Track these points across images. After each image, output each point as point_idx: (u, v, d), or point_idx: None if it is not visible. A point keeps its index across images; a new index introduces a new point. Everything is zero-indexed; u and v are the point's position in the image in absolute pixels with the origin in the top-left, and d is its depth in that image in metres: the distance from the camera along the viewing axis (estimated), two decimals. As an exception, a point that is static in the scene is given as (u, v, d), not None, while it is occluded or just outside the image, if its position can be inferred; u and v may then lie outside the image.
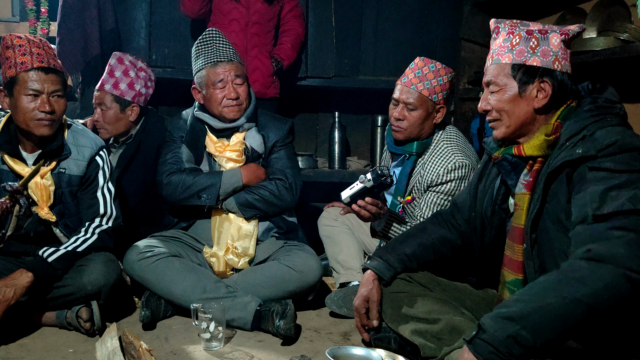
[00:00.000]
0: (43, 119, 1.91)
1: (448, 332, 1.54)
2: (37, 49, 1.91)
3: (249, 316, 2.01)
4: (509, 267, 1.57)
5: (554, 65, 1.49)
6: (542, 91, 1.49)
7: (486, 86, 1.57)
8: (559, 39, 1.49)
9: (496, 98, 1.54)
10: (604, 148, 1.34)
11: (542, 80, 1.49)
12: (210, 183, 2.26)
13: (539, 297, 1.24)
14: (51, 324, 2.00)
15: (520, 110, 1.51)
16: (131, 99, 2.52)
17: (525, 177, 1.52)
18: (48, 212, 1.99)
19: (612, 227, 1.26)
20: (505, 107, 1.52)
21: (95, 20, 2.83)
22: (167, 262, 2.11)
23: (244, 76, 2.33)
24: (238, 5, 2.87)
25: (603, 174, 1.32)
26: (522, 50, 1.50)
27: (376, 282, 1.75)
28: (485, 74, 1.58)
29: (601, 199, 1.29)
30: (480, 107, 1.59)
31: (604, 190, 1.30)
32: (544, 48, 1.49)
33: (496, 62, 1.54)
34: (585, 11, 2.55)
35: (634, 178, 1.30)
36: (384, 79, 3.37)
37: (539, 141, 1.49)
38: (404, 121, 2.20)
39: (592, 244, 1.26)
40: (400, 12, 3.41)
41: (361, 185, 1.89)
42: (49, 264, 1.90)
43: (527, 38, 1.50)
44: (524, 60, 1.49)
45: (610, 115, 1.43)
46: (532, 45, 1.49)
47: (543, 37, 1.50)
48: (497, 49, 1.55)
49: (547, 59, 1.49)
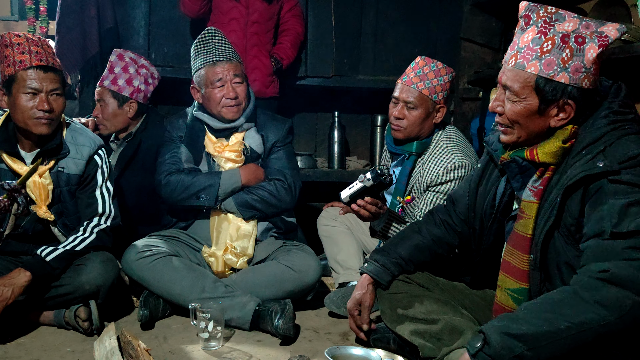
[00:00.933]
0: (41, 117, 1.91)
1: (447, 332, 1.54)
2: (35, 47, 1.90)
3: (247, 316, 2.00)
4: (510, 274, 1.52)
5: (582, 83, 1.35)
6: (564, 112, 1.38)
7: (502, 87, 1.44)
8: (595, 53, 1.33)
9: (512, 108, 1.41)
10: (626, 160, 1.28)
11: (566, 101, 1.36)
12: (209, 183, 2.25)
13: (552, 320, 1.22)
14: (49, 323, 2.00)
15: (536, 125, 1.41)
16: (129, 95, 2.52)
17: (535, 183, 1.45)
18: (46, 211, 1.98)
19: (631, 246, 1.23)
20: (520, 120, 1.41)
21: (95, 18, 2.82)
22: (166, 262, 2.11)
23: (243, 76, 2.33)
24: (238, 5, 2.87)
25: (624, 187, 1.27)
26: (551, 62, 1.34)
27: (371, 286, 1.75)
28: (503, 71, 1.43)
29: (620, 214, 1.25)
30: (491, 107, 1.47)
31: (623, 205, 1.25)
32: (576, 63, 1.34)
33: (520, 67, 1.38)
34: (586, 11, 2.54)
35: None
36: (383, 78, 3.36)
37: (555, 148, 1.39)
38: (404, 120, 2.19)
39: (610, 264, 1.23)
40: (399, 12, 3.40)
41: (361, 184, 1.88)
42: (47, 263, 1.89)
43: (560, 47, 1.34)
44: (552, 75, 1.35)
45: (627, 122, 1.37)
46: (564, 58, 1.34)
47: (579, 48, 1.33)
48: (523, 49, 1.38)
49: (577, 77, 1.34)
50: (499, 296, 1.57)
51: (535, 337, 1.21)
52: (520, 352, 1.21)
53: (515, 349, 1.22)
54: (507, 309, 1.51)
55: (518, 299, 1.50)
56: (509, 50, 1.45)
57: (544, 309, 1.25)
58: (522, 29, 1.42)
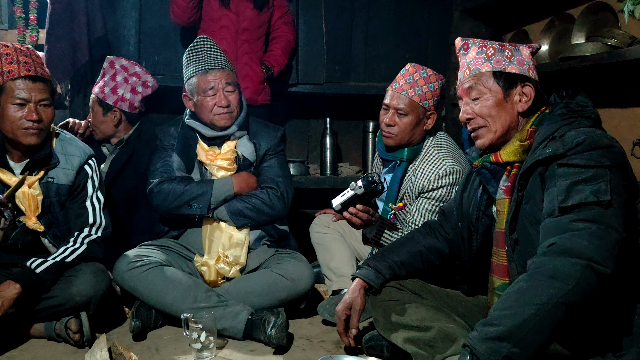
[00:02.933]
0: (30, 127, 1.90)
1: (440, 339, 1.53)
2: (24, 57, 1.89)
3: (240, 325, 1.99)
4: (496, 273, 1.59)
5: (529, 72, 1.57)
6: (524, 95, 1.55)
7: (466, 95, 1.60)
8: (528, 51, 1.60)
9: (481, 105, 1.57)
10: (573, 147, 1.37)
11: (523, 85, 1.56)
12: (202, 192, 2.24)
13: (520, 309, 1.24)
14: (39, 335, 1.98)
15: (507, 114, 1.56)
16: (112, 103, 2.53)
17: (505, 182, 1.57)
18: (36, 222, 1.97)
19: (576, 219, 1.30)
20: (492, 112, 1.56)
21: (84, 27, 2.81)
22: (158, 272, 2.09)
23: (235, 84, 2.33)
24: (228, 12, 2.87)
25: (571, 169, 1.36)
26: (499, 60, 1.57)
27: (362, 291, 1.75)
28: (461, 83, 1.61)
29: (567, 192, 1.33)
30: (461, 117, 1.62)
31: (570, 183, 1.34)
32: (518, 58, 1.58)
33: (475, 71, 1.58)
34: (574, 17, 2.57)
35: (600, 173, 1.33)
36: (374, 85, 3.37)
37: (514, 147, 1.54)
38: (395, 127, 2.20)
39: (556, 237, 1.29)
40: (390, 19, 3.42)
41: (352, 192, 1.88)
42: (37, 275, 1.88)
43: (501, 49, 1.58)
44: (504, 68, 1.56)
45: (581, 118, 1.46)
46: (507, 55, 1.57)
47: (514, 49, 1.59)
48: (472, 61, 1.60)
49: (522, 67, 1.57)
50: (489, 298, 1.61)
51: (513, 331, 1.22)
52: (507, 352, 1.22)
53: (501, 350, 1.22)
54: None
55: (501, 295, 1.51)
56: (459, 74, 1.65)
57: (510, 303, 1.27)
58: (463, 54, 1.65)
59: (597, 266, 1.23)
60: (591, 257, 1.24)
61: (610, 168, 1.33)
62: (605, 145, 1.37)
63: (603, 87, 2.47)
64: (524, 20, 3.03)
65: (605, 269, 1.23)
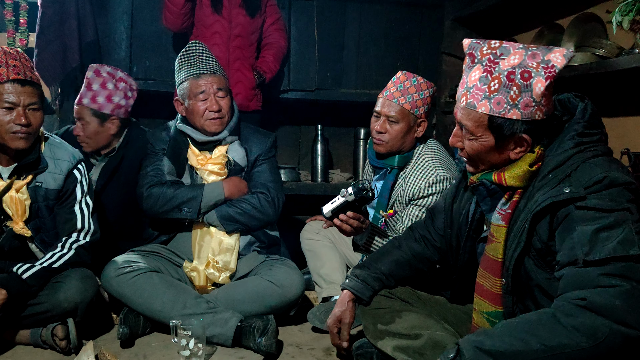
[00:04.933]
0: (19, 131, 1.88)
1: (430, 347, 1.53)
2: (13, 60, 1.88)
3: (229, 332, 1.98)
4: (485, 298, 1.52)
5: (535, 116, 1.35)
6: (521, 145, 1.39)
7: (458, 124, 1.45)
8: (543, 86, 1.33)
9: (470, 145, 1.43)
10: (591, 185, 1.29)
11: (520, 136, 1.37)
12: (192, 196, 2.23)
13: (526, 339, 1.22)
14: (25, 342, 1.95)
15: (496, 159, 1.43)
16: (110, 112, 2.47)
17: (504, 207, 1.46)
18: (23, 226, 1.95)
19: (605, 273, 1.23)
20: (479, 156, 1.44)
21: (75, 31, 2.80)
22: (146, 278, 2.08)
23: (227, 89, 2.32)
24: (220, 18, 2.87)
25: (592, 213, 1.28)
26: (501, 101, 1.34)
27: (351, 303, 1.74)
28: (457, 107, 1.44)
29: (591, 242, 1.25)
30: (451, 143, 1.49)
31: (593, 231, 1.26)
32: (525, 99, 1.34)
33: (471, 107, 1.38)
34: (563, 27, 2.59)
35: (623, 217, 1.26)
36: (366, 92, 3.39)
37: (522, 171, 1.40)
38: (386, 134, 2.20)
39: (586, 292, 1.22)
40: (382, 26, 3.44)
41: (342, 199, 1.88)
42: (23, 280, 1.85)
43: (507, 85, 1.34)
44: (503, 114, 1.35)
45: (593, 144, 1.38)
46: (512, 96, 1.34)
47: (526, 84, 1.33)
48: (472, 88, 1.39)
49: (528, 111, 1.34)
50: (476, 319, 1.57)
51: (506, 355, 1.21)
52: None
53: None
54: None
55: (494, 322, 1.50)
56: (459, 87, 1.46)
57: (520, 329, 1.25)
58: (469, 67, 1.43)
59: (629, 330, 1.18)
60: (624, 320, 1.18)
61: (631, 210, 1.27)
62: (624, 182, 1.29)
63: (591, 97, 2.46)
64: (514, 30, 3.06)
65: (637, 332, 1.18)
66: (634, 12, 2.04)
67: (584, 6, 2.54)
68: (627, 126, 2.36)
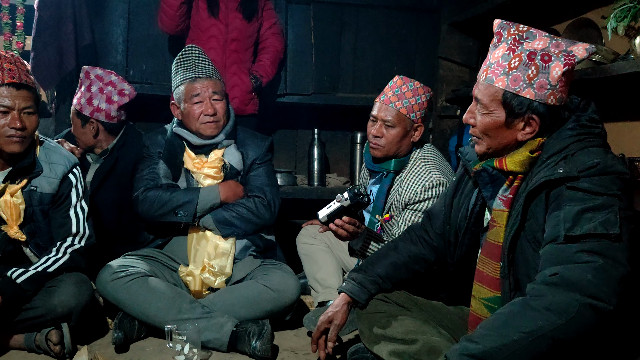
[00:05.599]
0: (13, 135, 1.88)
1: (426, 352, 1.53)
2: (8, 64, 1.87)
3: (224, 337, 1.97)
4: (484, 283, 1.55)
5: (548, 99, 1.38)
6: (529, 126, 1.42)
7: (474, 99, 1.49)
8: (560, 71, 1.37)
9: (481, 120, 1.47)
10: (586, 169, 1.31)
11: (531, 116, 1.40)
12: (188, 200, 2.23)
13: (505, 333, 1.22)
14: (19, 347, 1.94)
15: (504, 137, 1.46)
16: (88, 114, 2.50)
17: (505, 192, 1.49)
18: (18, 231, 1.94)
19: (582, 250, 1.26)
20: (489, 132, 1.46)
21: (71, 35, 2.79)
22: (141, 282, 2.07)
23: (223, 93, 2.33)
24: (217, 22, 2.87)
25: (580, 194, 1.30)
26: (517, 78, 1.39)
27: (345, 306, 1.73)
28: (476, 84, 1.49)
29: (575, 219, 1.28)
30: (465, 119, 1.52)
31: (579, 210, 1.29)
32: (541, 80, 1.38)
33: (489, 81, 1.43)
34: (559, 32, 2.61)
35: (610, 202, 1.28)
36: (362, 96, 3.39)
37: (523, 157, 1.44)
38: (382, 138, 2.21)
39: (560, 267, 1.25)
40: (378, 31, 3.44)
41: (338, 204, 1.88)
42: (17, 285, 1.84)
43: (527, 64, 1.38)
44: (518, 91, 1.39)
45: (592, 135, 1.41)
46: (530, 75, 1.38)
47: (544, 66, 1.37)
48: (494, 64, 1.44)
49: (542, 93, 1.38)
50: (474, 306, 1.58)
51: (491, 353, 1.21)
52: None
53: None
54: (482, 318, 1.51)
55: (492, 307, 1.50)
56: (482, 65, 1.51)
57: (497, 324, 1.25)
58: (494, 45, 1.48)
59: (598, 303, 1.19)
60: (594, 294, 1.20)
61: (620, 197, 1.29)
62: (617, 171, 1.32)
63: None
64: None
65: (607, 305, 1.20)
66: (629, 18, 2.05)
67: (580, 12, 2.55)
68: (623, 131, 2.37)
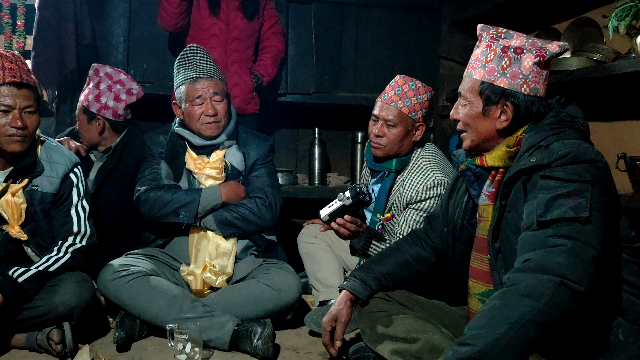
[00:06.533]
0: (14, 134, 1.87)
1: (427, 351, 1.53)
2: (9, 63, 1.87)
3: (226, 336, 1.97)
4: (477, 278, 1.58)
5: (521, 88, 1.47)
6: (504, 114, 1.50)
7: (460, 95, 1.58)
8: (531, 62, 1.46)
9: (464, 111, 1.56)
10: (557, 159, 1.35)
11: (505, 103, 1.49)
12: (189, 200, 2.23)
13: (492, 328, 1.22)
14: (21, 346, 1.94)
15: (483, 127, 1.53)
16: (96, 111, 2.50)
17: (488, 187, 1.55)
18: (19, 230, 1.94)
19: (553, 234, 1.28)
20: (469, 122, 1.55)
21: (72, 34, 2.80)
22: (143, 281, 2.07)
23: (224, 93, 2.32)
24: (218, 21, 2.87)
25: (553, 182, 1.34)
26: (492, 69, 1.49)
27: (348, 302, 1.74)
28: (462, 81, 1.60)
29: (547, 205, 1.31)
30: (451, 115, 1.61)
31: (550, 197, 1.32)
32: (514, 70, 1.47)
33: (469, 75, 1.55)
34: (560, 31, 2.61)
35: (581, 188, 1.31)
36: (363, 95, 3.39)
37: (501, 152, 1.51)
38: (384, 138, 2.21)
39: (532, 253, 1.28)
40: (379, 30, 3.45)
41: (340, 203, 1.88)
42: (19, 284, 1.84)
43: (500, 56, 1.49)
44: (492, 80, 1.49)
45: (569, 129, 1.44)
46: (503, 65, 1.48)
47: (516, 57, 1.47)
48: (474, 61, 1.56)
49: (515, 82, 1.47)
50: (470, 303, 1.59)
51: (486, 352, 1.21)
52: None
53: None
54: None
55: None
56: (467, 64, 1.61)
57: (483, 322, 1.26)
58: (477, 46, 1.59)
59: (571, 284, 1.22)
60: (565, 275, 1.22)
61: (592, 183, 1.32)
62: (590, 159, 1.35)
63: (588, 101, 2.51)
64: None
65: (579, 286, 1.22)
66: (630, 17, 2.05)
67: (581, 11, 2.55)
68: (624, 130, 2.37)
